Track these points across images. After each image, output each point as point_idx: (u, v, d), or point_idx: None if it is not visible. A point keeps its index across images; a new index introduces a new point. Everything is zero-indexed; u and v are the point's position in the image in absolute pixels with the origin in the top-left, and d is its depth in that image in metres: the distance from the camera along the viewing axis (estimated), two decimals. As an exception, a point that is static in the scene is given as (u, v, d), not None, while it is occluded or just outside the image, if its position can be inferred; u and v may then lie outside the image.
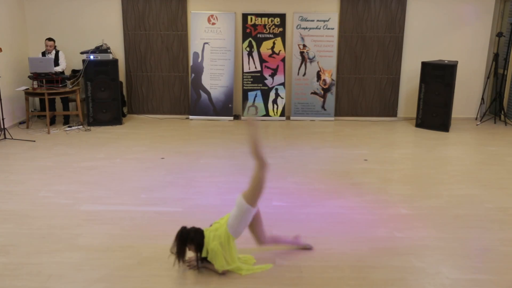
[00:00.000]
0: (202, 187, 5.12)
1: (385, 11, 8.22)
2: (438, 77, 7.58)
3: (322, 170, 5.73)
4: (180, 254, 3.34)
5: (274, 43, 8.33)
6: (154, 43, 8.39)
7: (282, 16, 8.25)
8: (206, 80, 8.39)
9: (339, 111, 8.57)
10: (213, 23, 8.29)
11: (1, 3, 7.48)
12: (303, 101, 8.49)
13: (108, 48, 7.95)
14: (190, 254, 3.49)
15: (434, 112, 7.68)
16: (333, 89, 8.43)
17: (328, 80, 8.42)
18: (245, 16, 8.27)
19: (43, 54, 7.74)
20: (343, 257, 3.66)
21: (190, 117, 8.48)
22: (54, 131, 7.45)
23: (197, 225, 4.16)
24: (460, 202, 4.75)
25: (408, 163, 6.06)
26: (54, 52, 7.73)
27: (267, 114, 8.46)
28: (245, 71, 8.40)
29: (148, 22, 8.31)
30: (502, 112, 8.16)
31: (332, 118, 8.48)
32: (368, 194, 4.94)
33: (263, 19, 8.27)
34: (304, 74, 8.41)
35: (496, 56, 8.04)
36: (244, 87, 8.43)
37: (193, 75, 8.40)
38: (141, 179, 5.32)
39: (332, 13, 8.25)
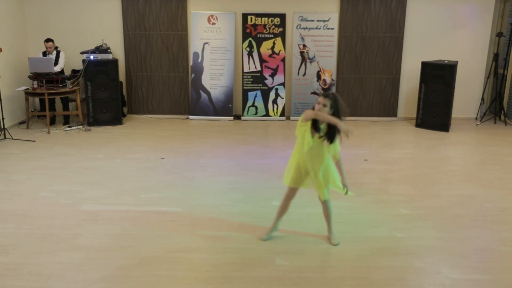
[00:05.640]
0: (202, 187, 5.12)
1: (385, 11, 8.22)
2: (438, 77, 7.57)
3: (322, 170, 5.71)
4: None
5: (274, 43, 8.33)
6: (154, 43, 8.38)
7: (282, 16, 8.25)
8: (206, 80, 8.39)
9: (339, 111, 8.55)
10: (213, 23, 8.28)
11: (1, 3, 7.48)
12: (303, 101, 8.48)
13: (108, 48, 7.95)
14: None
15: (434, 112, 7.68)
16: (333, 89, 8.43)
17: (328, 80, 8.42)
18: (245, 16, 8.27)
19: (44, 54, 7.74)
20: (343, 257, 3.66)
21: (190, 117, 8.48)
22: (54, 131, 7.45)
23: (197, 225, 4.18)
24: (460, 202, 4.75)
25: (408, 163, 6.06)
26: (55, 52, 7.73)
27: (267, 114, 8.46)
28: (245, 71, 8.40)
29: (148, 22, 8.31)
30: (502, 112, 8.16)
31: (332, 118, 8.46)
32: (368, 194, 4.94)
33: (263, 19, 8.27)
34: (304, 74, 8.41)
35: (496, 56, 8.04)
36: (244, 87, 8.43)
37: (193, 75, 8.40)
38: (141, 179, 5.32)
39: (332, 13, 8.25)
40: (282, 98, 8.43)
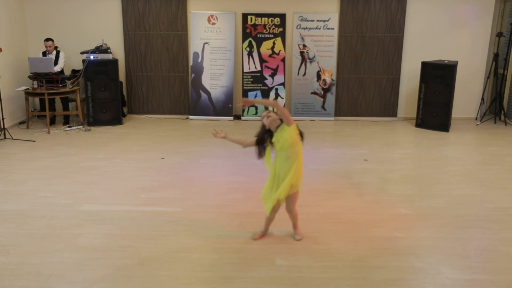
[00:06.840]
0: (202, 187, 5.12)
1: (385, 11, 8.22)
2: (438, 77, 7.57)
3: (322, 170, 5.72)
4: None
5: (274, 43, 8.33)
6: (154, 43, 8.38)
7: (282, 16, 8.25)
8: (206, 80, 8.39)
9: (339, 111, 8.57)
10: (213, 23, 8.28)
11: (1, 3, 7.48)
12: (303, 101, 8.48)
13: (108, 48, 7.95)
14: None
15: (434, 112, 7.68)
16: (333, 89, 8.43)
17: (328, 80, 8.42)
18: (245, 16, 8.27)
19: (44, 54, 7.73)
20: (343, 257, 3.66)
21: (190, 117, 8.48)
22: (54, 131, 7.45)
23: (197, 225, 4.18)
24: (460, 202, 4.75)
25: (408, 163, 6.06)
26: (54, 52, 7.73)
27: (267, 114, 8.45)
28: (245, 71, 8.40)
29: (148, 22, 8.31)
30: (502, 112, 8.16)
31: (332, 118, 8.48)
32: (368, 194, 4.94)
33: (263, 19, 8.27)
34: (304, 74, 8.41)
35: (496, 56, 8.04)
36: (244, 87, 8.43)
37: (193, 75, 8.40)
38: (141, 179, 5.32)
39: (332, 13, 8.25)
40: (282, 98, 8.43)
